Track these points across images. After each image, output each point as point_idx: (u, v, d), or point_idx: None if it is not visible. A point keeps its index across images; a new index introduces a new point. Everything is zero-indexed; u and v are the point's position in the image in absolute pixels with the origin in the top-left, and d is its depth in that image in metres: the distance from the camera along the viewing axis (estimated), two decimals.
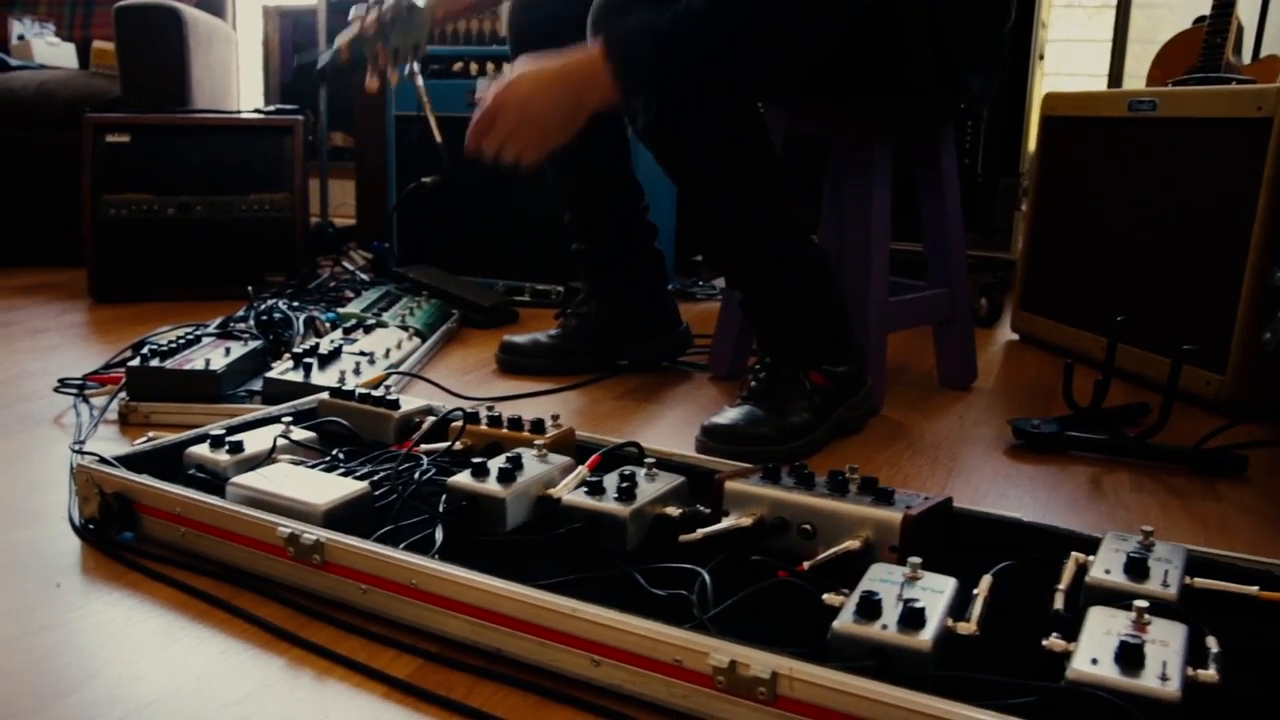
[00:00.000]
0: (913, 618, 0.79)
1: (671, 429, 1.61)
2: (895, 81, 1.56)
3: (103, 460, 1.13)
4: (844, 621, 0.79)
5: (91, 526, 1.11)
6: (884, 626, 0.78)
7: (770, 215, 1.52)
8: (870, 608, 0.80)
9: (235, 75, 3.61)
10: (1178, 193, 1.94)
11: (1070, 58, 3.60)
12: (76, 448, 1.38)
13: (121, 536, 1.10)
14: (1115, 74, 3.32)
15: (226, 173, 2.58)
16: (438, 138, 2.57)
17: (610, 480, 1.05)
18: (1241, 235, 1.76)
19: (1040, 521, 1.09)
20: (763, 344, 1.58)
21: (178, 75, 2.96)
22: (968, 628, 0.81)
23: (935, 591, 0.84)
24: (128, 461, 1.15)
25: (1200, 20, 2.64)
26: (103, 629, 0.91)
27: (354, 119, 3.54)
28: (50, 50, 3.45)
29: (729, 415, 1.48)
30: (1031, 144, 2.71)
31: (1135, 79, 3.33)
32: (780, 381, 1.52)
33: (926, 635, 0.77)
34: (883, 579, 0.86)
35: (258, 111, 2.73)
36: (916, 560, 0.86)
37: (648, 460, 1.10)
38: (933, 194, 1.84)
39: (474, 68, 2.65)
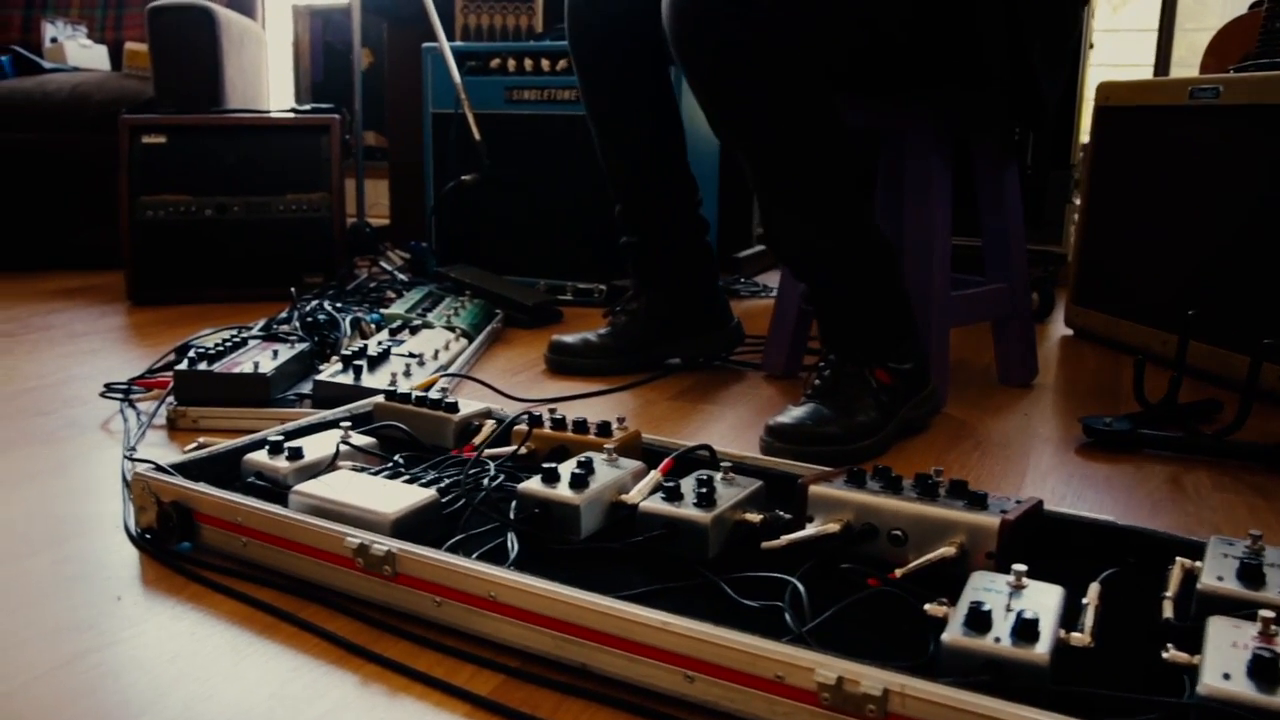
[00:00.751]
0: (1026, 630, 0.74)
1: (732, 430, 1.57)
2: (969, 69, 1.51)
3: (159, 468, 1.10)
4: (954, 634, 0.75)
5: (149, 536, 1.08)
6: (996, 639, 0.74)
7: (844, 203, 1.47)
8: (980, 619, 0.75)
9: (266, 75, 3.59)
10: (1245, 182, 1.88)
11: (1113, 47, 3.54)
12: (130, 455, 1.35)
13: (180, 547, 1.06)
14: (1162, 62, 3.26)
15: (263, 173, 2.56)
16: (476, 135, 2.55)
17: (687, 485, 1.01)
18: None
19: (1130, 524, 1.05)
20: (828, 340, 1.54)
21: (211, 75, 2.93)
22: (1081, 639, 0.77)
23: (1043, 601, 0.79)
24: (185, 469, 1.12)
25: (1256, 5, 2.57)
26: (168, 645, 0.88)
27: (386, 118, 3.52)
28: (83, 52, 3.44)
29: (794, 414, 1.44)
30: (1082, 135, 2.66)
31: (1183, 67, 3.26)
32: (846, 379, 1.48)
33: (1042, 648, 0.73)
34: (987, 588, 0.81)
35: (293, 110, 2.70)
36: (1021, 568, 0.82)
37: (724, 464, 1.06)
38: (992, 188, 1.79)
39: (511, 64, 2.61)
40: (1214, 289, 1.94)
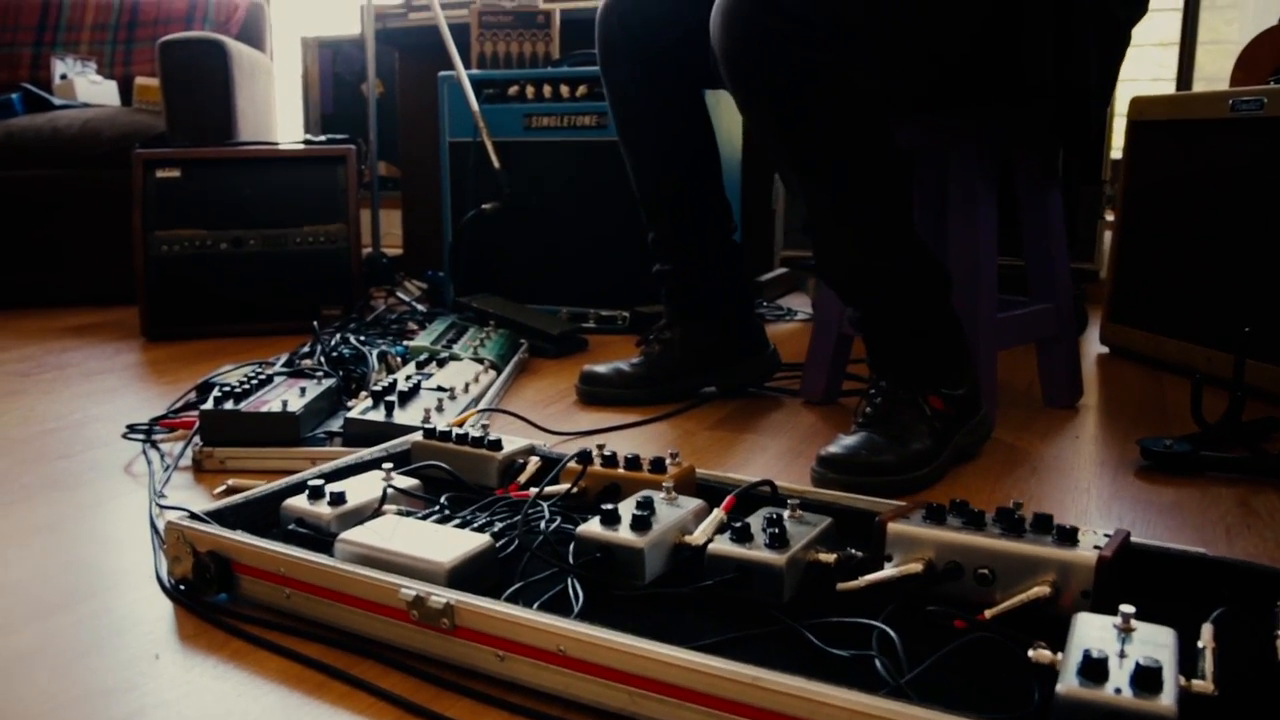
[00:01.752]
0: (1148, 679, 0.69)
1: (779, 460, 1.51)
2: (1016, 86, 1.47)
3: (193, 516, 1.05)
4: (1069, 685, 0.69)
5: (183, 588, 1.03)
6: (1116, 690, 0.68)
7: (898, 224, 1.43)
8: (1095, 668, 0.70)
9: (275, 108, 3.56)
10: None
11: (1131, 62, 3.50)
12: (160, 501, 1.29)
13: (217, 599, 1.01)
14: (1184, 77, 3.22)
15: (279, 205, 2.51)
16: (496, 163, 2.51)
17: (756, 525, 0.96)
18: None
19: (1218, 554, 0.99)
20: (878, 365, 1.49)
21: (224, 108, 2.90)
22: (1204, 686, 0.71)
23: (1157, 646, 0.74)
24: (220, 517, 1.06)
25: None
26: (215, 708, 0.82)
27: (399, 148, 3.48)
28: (93, 88, 3.41)
29: (846, 443, 1.39)
30: (1113, 151, 2.61)
31: (1205, 81, 3.22)
32: (899, 406, 1.43)
33: (1167, 699, 0.67)
34: (1094, 632, 0.76)
35: (308, 141, 2.67)
36: (1129, 609, 0.76)
37: (791, 502, 1.01)
38: (1035, 209, 1.74)
39: (529, 91, 2.58)
40: (1262, 304, 1.89)
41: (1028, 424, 1.70)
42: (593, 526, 0.96)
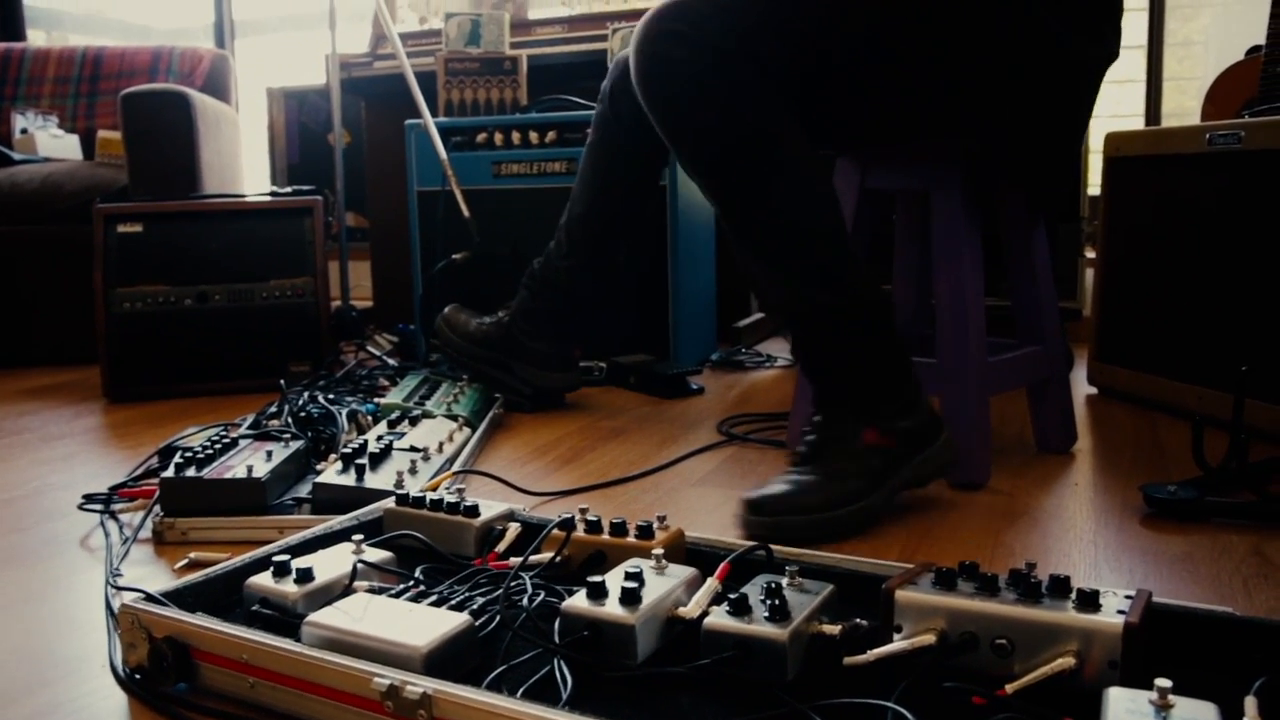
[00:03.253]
0: None
1: None
2: (960, 118, 1.44)
3: (149, 598, 0.97)
4: None
5: (139, 677, 0.95)
6: None
7: (824, 255, 1.40)
8: None
9: (241, 160, 3.50)
10: (1273, 228, 1.80)
11: (1102, 98, 3.50)
12: (114, 581, 1.21)
13: (175, 689, 0.93)
14: (1152, 113, 3.22)
15: (245, 259, 2.44)
16: (465, 212, 2.45)
17: (754, 595, 0.89)
18: None
19: (1244, 613, 0.94)
20: (816, 399, 1.46)
21: (188, 161, 2.83)
22: None
23: None
24: (178, 598, 0.99)
25: (1254, 50, 2.53)
26: None
27: (366, 198, 3.43)
28: (54, 142, 3.34)
29: (773, 485, 1.37)
30: (1091, 188, 2.59)
31: (1169, 117, 3.23)
32: (831, 442, 1.40)
33: None
34: (1129, 709, 0.70)
35: (274, 193, 2.60)
36: (1165, 684, 0.71)
37: (789, 568, 0.94)
38: (1020, 249, 1.70)
39: (498, 138, 2.53)
40: (1251, 340, 1.85)
41: (1023, 471, 1.65)
42: (579, 602, 0.90)
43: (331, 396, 1.97)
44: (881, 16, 1.39)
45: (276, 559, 1.01)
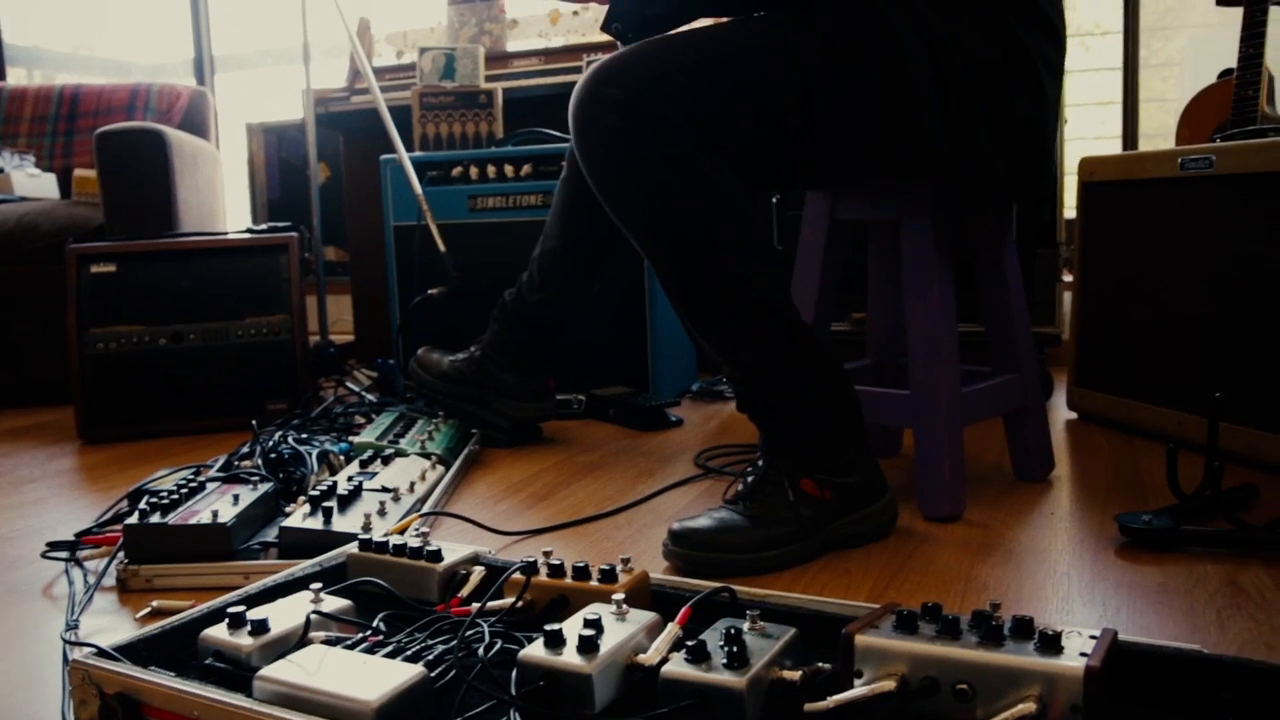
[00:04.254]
0: None
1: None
2: (901, 156, 1.43)
3: (101, 652, 0.95)
4: None
5: None
6: None
7: (763, 312, 1.39)
8: None
9: (221, 195, 3.49)
10: (1247, 252, 1.80)
11: (1079, 121, 3.51)
12: (68, 635, 1.19)
13: None
14: (1130, 134, 3.23)
15: (220, 297, 2.43)
16: (441, 246, 2.45)
17: (713, 641, 0.88)
18: None
19: (1214, 650, 0.92)
20: (762, 444, 1.47)
21: (164, 199, 2.82)
22: None
23: None
24: (131, 651, 0.97)
25: (1226, 74, 2.54)
26: None
27: (346, 232, 3.42)
28: (31, 182, 3.33)
29: (702, 519, 1.38)
30: (1066, 212, 2.59)
31: (1146, 138, 3.24)
32: (766, 486, 1.40)
33: None
34: None
35: (249, 231, 2.59)
36: None
37: (750, 612, 0.93)
38: (993, 275, 1.69)
39: (473, 172, 2.52)
40: (1226, 364, 1.84)
41: (1001, 500, 1.64)
42: (536, 650, 0.88)
43: (305, 436, 1.95)
44: (818, 70, 1.38)
45: (232, 610, 0.99)
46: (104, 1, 4.88)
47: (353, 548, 1.22)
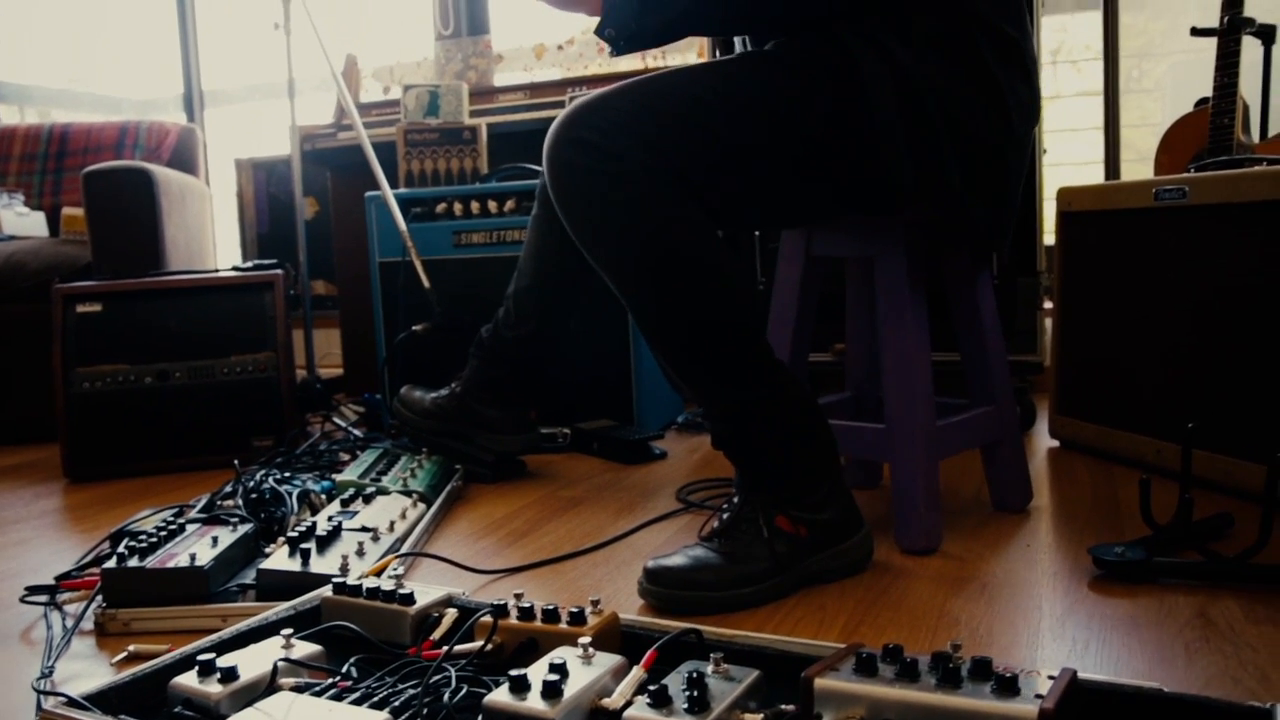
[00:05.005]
0: None
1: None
2: (869, 194, 1.45)
3: (71, 702, 0.96)
4: None
5: None
6: None
7: (735, 350, 1.41)
8: None
9: (211, 230, 3.51)
10: (1221, 281, 1.82)
11: (1062, 147, 3.54)
12: (40, 684, 1.20)
13: None
14: (1111, 161, 3.26)
15: (206, 335, 2.44)
16: (425, 283, 2.46)
17: (675, 685, 0.88)
18: None
19: (1182, 692, 0.93)
20: (737, 480, 1.48)
21: (150, 237, 2.84)
22: None
23: None
24: (102, 700, 0.98)
25: (1202, 102, 2.56)
26: None
27: (335, 266, 3.44)
28: (20, 220, 3.35)
29: (677, 557, 1.39)
30: (1046, 240, 2.61)
31: (1140, 160, 3.26)
32: (741, 523, 1.41)
33: None
34: None
35: (235, 269, 2.61)
36: None
37: (714, 655, 0.94)
38: (967, 308, 1.71)
39: (458, 207, 2.54)
40: (1197, 392, 1.86)
41: (978, 532, 1.64)
42: (500, 696, 0.89)
43: (287, 474, 1.96)
44: (785, 111, 1.40)
45: (201, 657, 1.00)
46: (95, 38, 4.92)
47: (327, 591, 1.22)
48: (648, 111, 1.35)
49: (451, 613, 1.17)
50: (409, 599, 1.16)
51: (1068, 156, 3.51)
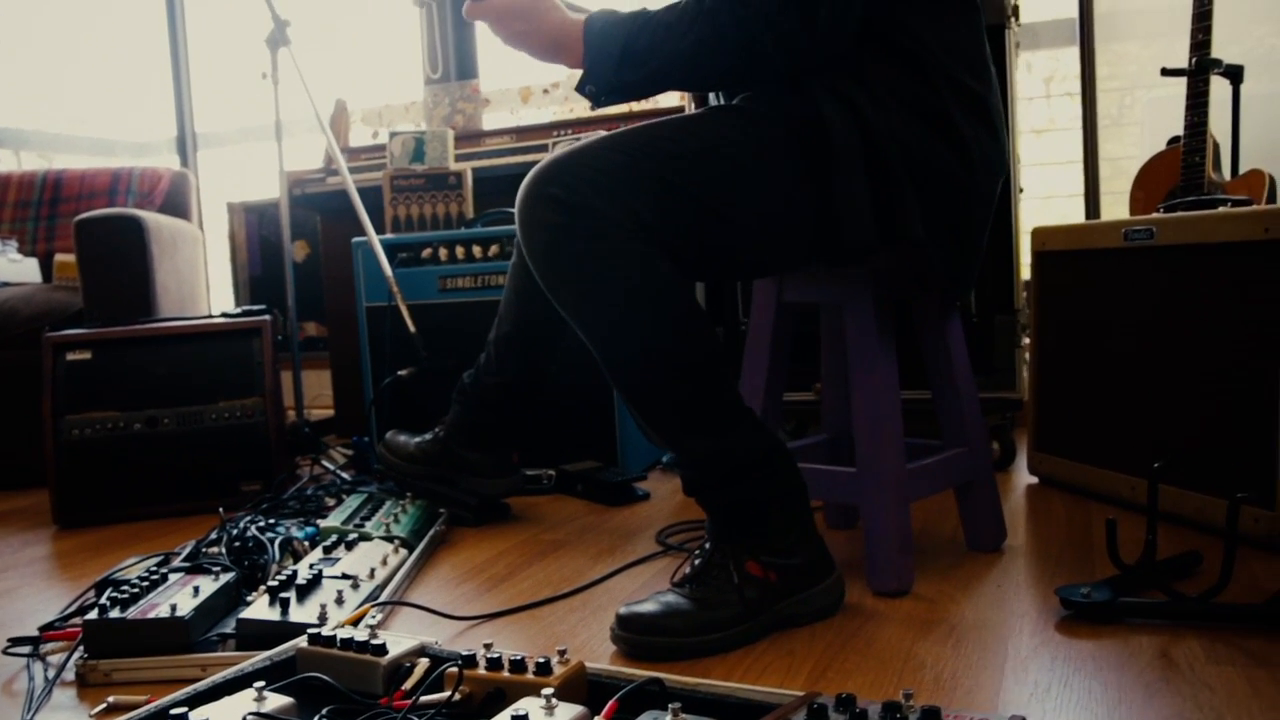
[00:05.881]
0: None
1: None
2: (835, 245, 1.48)
3: None
4: None
5: None
6: None
7: (703, 403, 1.44)
8: None
9: (204, 274, 3.55)
10: (1189, 321, 1.85)
11: (1043, 180, 3.57)
12: None
13: None
14: (1091, 195, 3.30)
15: (194, 382, 2.47)
16: (411, 327, 2.49)
17: None
18: (1266, 361, 1.66)
19: None
20: (708, 526, 1.50)
21: (141, 284, 2.88)
22: None
23: None
24: None
25: (1174, 141, 2.60)
26: None
27: (325, 309, 3.48)
28: (13, 267, 3.38)
29: (648, 603, 1.42)
30: (1023, 273, 2.65)
31: (1121, 193, 3.29)
32: (712, 569, 1.44)
33: None
34: None
35: (224, 315, 2.64)
36: None
37: (672, 705, 0.96)
38: (938, 352, 1.74)
39: (443, 253, 2.58)
40: (1169, 429, 1.89)
41: (950, 573, 1.67)
42: None
43: (272, 521, 1.98)
44: (751, 165, 1.44)
45: (174, 711, 1.02)
46: (90, 82, 4.97)
47: (302, 641, 1.24)
48: (614, 167, 1.39)
49: (423, 662, 1.19)
50: (381, 649, 1.18)
51: (1062, 189, 3.54)
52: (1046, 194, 3.54)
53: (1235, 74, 2.49)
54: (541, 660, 1.09)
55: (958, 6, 1.54)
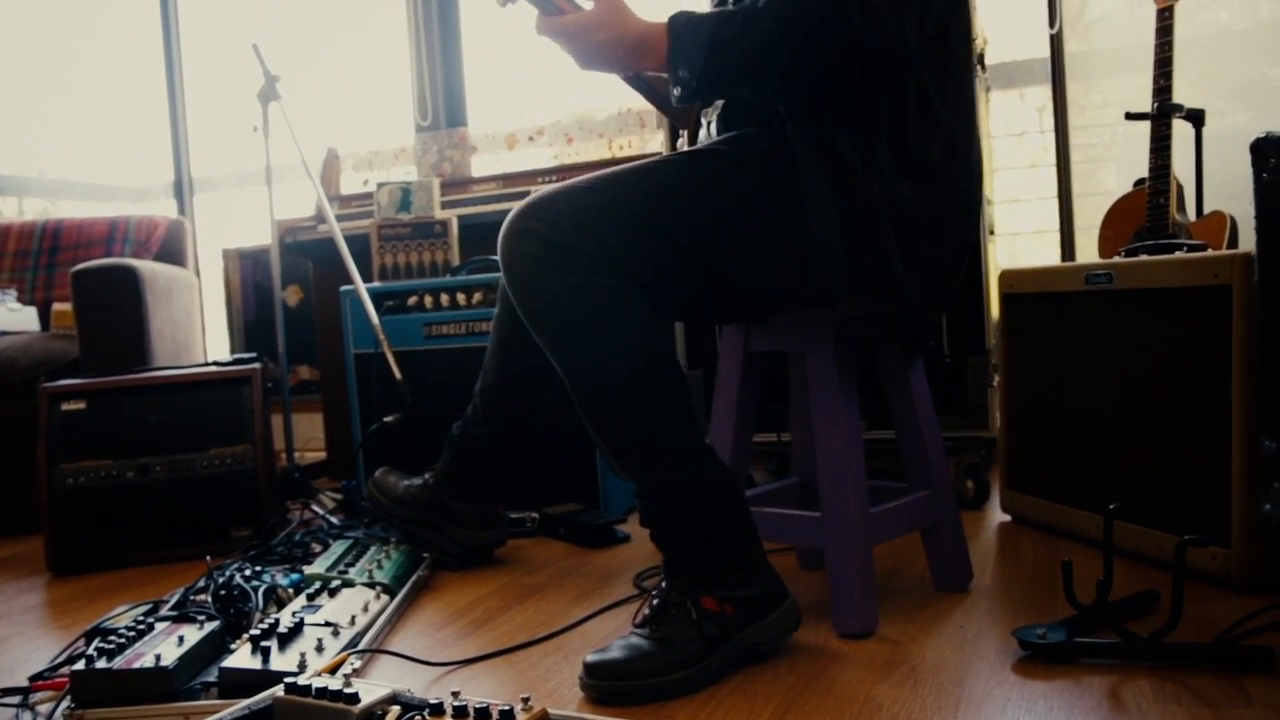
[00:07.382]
0: None
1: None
2: (804, 289, 1.55)
3: None
4: None
5: None
6: None
7: (661, 438, 1.50)
8: None
9: (199, 320, 3.62)
10: (1146, 363, 1.91)
11: (1018, 216, 3.63)
12: None
13: None
14: (1066, 230, 3.36)
15: (186, 430, 2.52)
16: (397, 374, 2.55)
17: None
18: (1220, 403, 1.72)
19: None
20: (663, 566, 1.56)
21: (136, 333, 2.94)
22: None
23: None
24: None
25: (1140, 182, 2.67)
26: None
27: (316, 353, 3.54)
28: (11, 316, 3.44)
29: (611, 650, 1.46)
30: (994, 314, 2.70)
31: (1086, 229, 3.35)
32: (670, 608, 1.49)
33: None
34: None
35: (215, 364, 2.70)
36: None
37: None
38: (901, 396, 1.79)
39: (429, 300, 2.64)
40: (1130, 469, 1.94)
41: (915, 614, 1.71)
42: None
43: (258, 569, 2.03)
44: (727, 207, 1.51)
45: None
46: (90, 129, 5.06)
47: (279, 690, 1.29)
48: (592, 206, 1.46)
49: (395, 710, 1.24)
50: (354, 698, 1.23)
51: (1051, 223, 3.60)
52: (1038, 229, 3.60)
53: (1197, 117, 2.56)
54: (505, 708, 1.14)
55: (963, 59, 1.64)
